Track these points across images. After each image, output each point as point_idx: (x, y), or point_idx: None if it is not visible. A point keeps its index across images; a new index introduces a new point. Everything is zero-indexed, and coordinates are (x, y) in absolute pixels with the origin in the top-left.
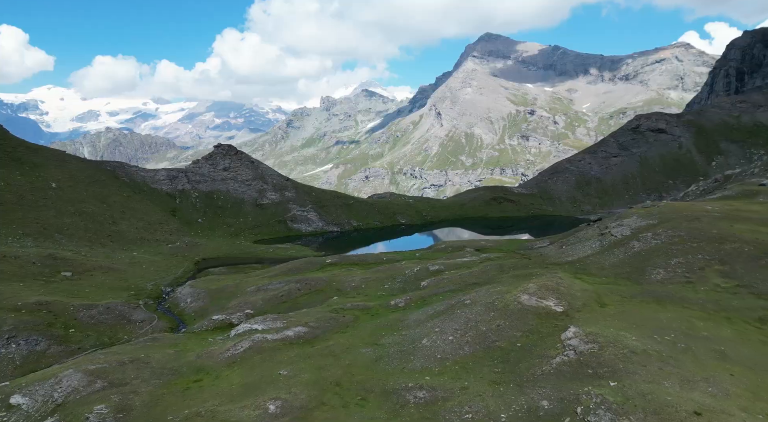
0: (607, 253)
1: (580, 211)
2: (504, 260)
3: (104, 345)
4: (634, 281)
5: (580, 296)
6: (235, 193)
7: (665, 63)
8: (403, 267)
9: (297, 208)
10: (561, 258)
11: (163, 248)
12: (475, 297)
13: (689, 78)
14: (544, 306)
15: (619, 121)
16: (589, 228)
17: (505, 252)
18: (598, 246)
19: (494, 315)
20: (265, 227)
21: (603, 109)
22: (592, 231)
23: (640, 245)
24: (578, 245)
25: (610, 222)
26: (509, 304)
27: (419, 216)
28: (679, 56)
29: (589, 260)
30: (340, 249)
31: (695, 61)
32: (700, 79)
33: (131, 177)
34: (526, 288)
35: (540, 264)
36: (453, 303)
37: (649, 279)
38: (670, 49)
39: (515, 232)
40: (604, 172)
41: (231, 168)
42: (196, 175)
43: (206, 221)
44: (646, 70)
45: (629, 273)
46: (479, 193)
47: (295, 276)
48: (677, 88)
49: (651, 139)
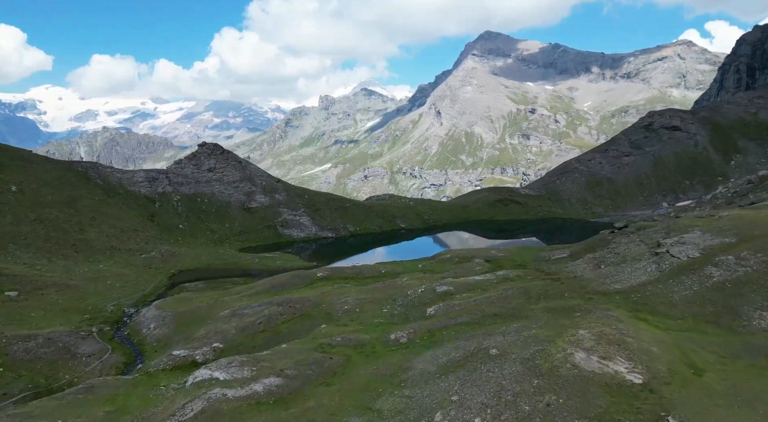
0: (672, 282)
1: (592, 213)
2: (528, 281)
3: (38, 388)
4: (727, 327)
5: (659, 354)
6: (220, 196)
7: (667, 61)
8: (404, 284)
9: (288, 212)
10: (605, 283)
11: (136, 259)
12: (503, 345)
13: (692, 76)
14: (612, 372)
15: (621, 119)
16: (631, 243)
17: (520, 263)
18: (656, 270)
19: (539, 385)
20: (253, 233)
21: (604, 107)
22: (639, 248)
23: (720, 273)
24: (624, 267)
25: (661, 235)
26: (559, 367)
27: (420, 219)
28: (681, 54)
29: (648, 290)
30: (335, 256)
31: (697, 58)
32: (703, 77)
33: (105, 178)
34: (577, 339)
35: (578, 290)
36: (472, 349)
37: (750, 325)
38: (672, 47)
39: (522, 235)
40: (615, 171)
41: (217, 168)
42: (179, 177)
43: (188, 227)
44: (648, 68)
45: (716, 315)
46: (483, 194)
47: (278, 296)
48: (679, 86)
49: (665, 137)
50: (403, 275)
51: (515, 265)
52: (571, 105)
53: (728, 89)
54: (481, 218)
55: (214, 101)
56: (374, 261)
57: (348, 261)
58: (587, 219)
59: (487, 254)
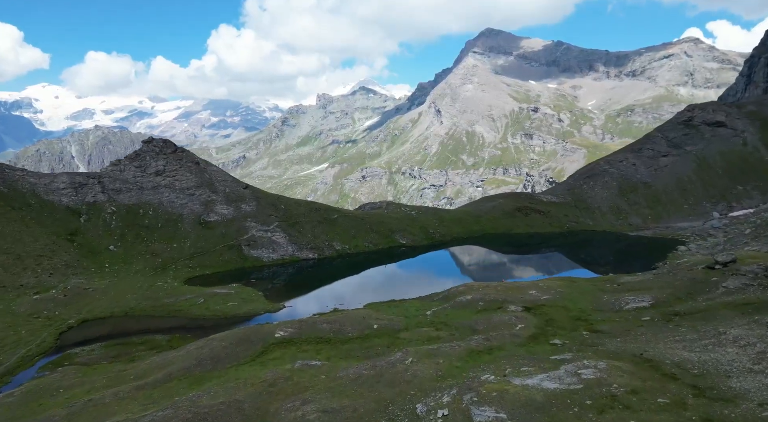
0: None
1: (628, 224)
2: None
3: None
4: None
5: None
6: (170, 207)
7: (674, 58)
8: (408, 373)
9: (258, 228)
10: None
11: (23, 302)
12: None
13: (699, 74)
14: None
15: (627, 118)
16: None
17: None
18: None
19: None
20: (210, 255)
21: (609, 106)
22: None
23: None
24: None
25: None
26: None
27: (424, 233)
28: (688, 52)
29: None
30: (314, 285)
31: (705, 56)
32: (711, 75)
33: (12, 184)
34: None
35: None
36: None
37: None
38: (678, 45)
39: (545, 250)
40: (652, 175)
41: (167, 171)
42: (116, 182)
43: (122, 249)
44: (653, 66)
45: None
46: (499, 201)
47: (196, 390)
48: (687, 84)
49: (707, 135)
50: (405, 341)
51: (599, 354)
52: (574, 103)
53: (758, 84)
54: (498, 231)
55: (212, 100)
56: (364, 300)
57: (330, 293)
58: (623, 232)
59: (524, 295)
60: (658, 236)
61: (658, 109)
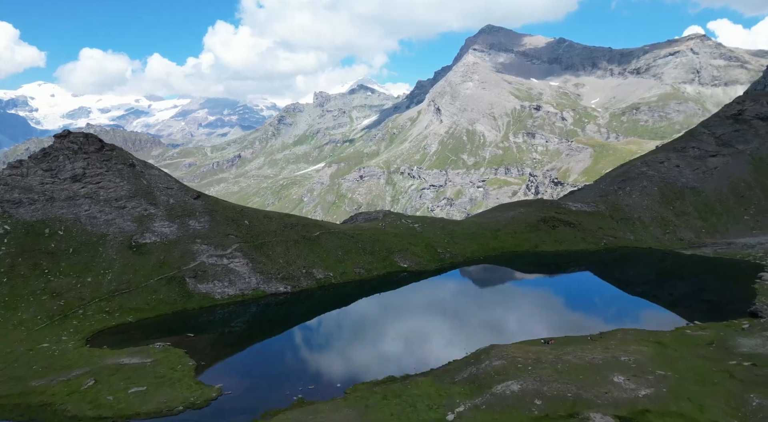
0: None
1: (678, 239)
2: None
3: None
4: None
5: None
6: (90, 225)
7: (679, 55)
8: None
9: (210, 252)
10: None
11: None
12: None
13: (706, 71)
14: None
15: (632, 116)
16: None
17: None
18: None
19: None
20: (139, 293)
21: (614, 104)
22: None
23: None
24: None
25: None
26: None
27: (431, 254)
28: (694, 48)
29: None
30: (279, 339)
31: (712, 53)
32: (718, 72)
33: None
34: None
35: None
36: None
37: None
38: (684, 42)
39: (583, 277)
40: (700, 178)
41: (88, 176)
42: (14, 190)
43: (8, 286)
44: (658, 64)
45: None
46: (519, 210)
47: None
48: (693, 82)
49: (762, 131)
50: None
51: None
52: (578, 102)
53: None
54: (520, 248)
55: (209, 99)
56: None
57: (300, 357)
58: (674, 250)
59: (606, 385)
60: (721, 255)
61: (665, 107)
